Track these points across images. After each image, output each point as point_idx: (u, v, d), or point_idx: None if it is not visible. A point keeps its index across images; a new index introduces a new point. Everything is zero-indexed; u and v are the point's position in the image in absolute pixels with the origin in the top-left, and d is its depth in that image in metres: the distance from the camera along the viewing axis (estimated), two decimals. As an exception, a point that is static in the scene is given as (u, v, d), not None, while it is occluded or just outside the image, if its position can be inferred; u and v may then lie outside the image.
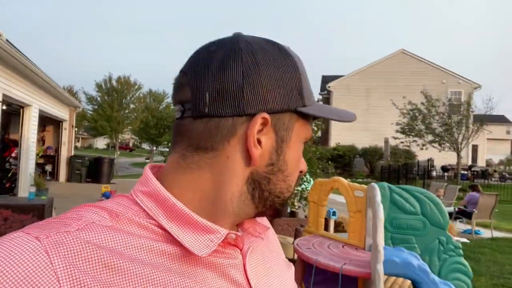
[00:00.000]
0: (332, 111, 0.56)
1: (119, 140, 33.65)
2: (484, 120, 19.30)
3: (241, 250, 0.53)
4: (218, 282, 0.48)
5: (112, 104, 29.08)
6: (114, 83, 30.36)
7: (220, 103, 0.47)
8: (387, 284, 4.24)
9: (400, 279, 3.86)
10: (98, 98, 30.26)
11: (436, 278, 3.17)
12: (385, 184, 3.92)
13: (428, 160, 21.73)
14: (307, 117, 0.53)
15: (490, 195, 8.76)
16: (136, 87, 31.96)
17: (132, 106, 31.85)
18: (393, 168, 18.16)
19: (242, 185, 0.50)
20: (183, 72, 0.51)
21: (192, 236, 0.47)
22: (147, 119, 32.95)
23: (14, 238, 0.41)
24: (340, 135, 25.52)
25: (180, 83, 0.51)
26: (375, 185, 3.22)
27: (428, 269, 3.18)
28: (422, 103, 18.70)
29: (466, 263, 3.84)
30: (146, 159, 38.13)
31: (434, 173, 21.59)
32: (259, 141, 0.49)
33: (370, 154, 22.88)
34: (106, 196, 5.46)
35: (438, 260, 3.58)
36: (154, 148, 35.81)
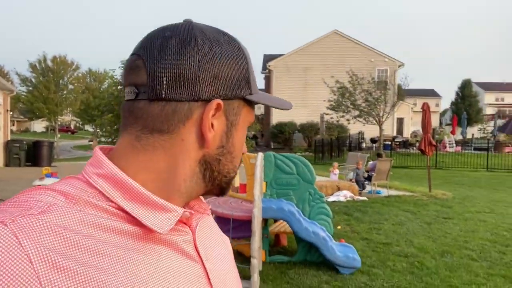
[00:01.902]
0: (273, 99, 0.60)
1: (59, 123, 32.18)
2: (404, 94, 21.12)
3: (189, 227, 0.55)
4: (174, 257, 0.52)
5: (48, 85, 27.75)
6: (49, 63, 28.85)
7: (177, 88, 0.49)
8: (278, 225, 5.32)
9: (285, 223, 4.91)
10: (33, 79, 28.69)
11: (303, 219, 4.29)
12: (271, 153, 4.90)
13: (359, 133, 23.50)
14: (252, 104, 0.56)
15: (386, 160, 10.20)
16: (74, 67, 30.56)
17: (70, 86, 30.48)
18: (326, 142, 19.63)
19: (194, 166, 0.52)
20: (137, 55, 0.51)
21: (151, 215, 0.49)
22: (88, 100, 31.77)
23: None
24: (281, 112, 26.61)
25: (134, 66, 0.51)
26: (260, 154, 4.12)
27: (296, 213, 4.30)
28: (349, 81, 20.17)
29: (328, 207, 4.96)
30: (90, 141, 36.91)
31: (364, 145, 23.44)
32: (212, 125, 0.51)
33: (308, 130, 24.13)
34: (48, 177, 5.81)
35: (308, 206, 4.62)
36: (98, 130, 34.75)
